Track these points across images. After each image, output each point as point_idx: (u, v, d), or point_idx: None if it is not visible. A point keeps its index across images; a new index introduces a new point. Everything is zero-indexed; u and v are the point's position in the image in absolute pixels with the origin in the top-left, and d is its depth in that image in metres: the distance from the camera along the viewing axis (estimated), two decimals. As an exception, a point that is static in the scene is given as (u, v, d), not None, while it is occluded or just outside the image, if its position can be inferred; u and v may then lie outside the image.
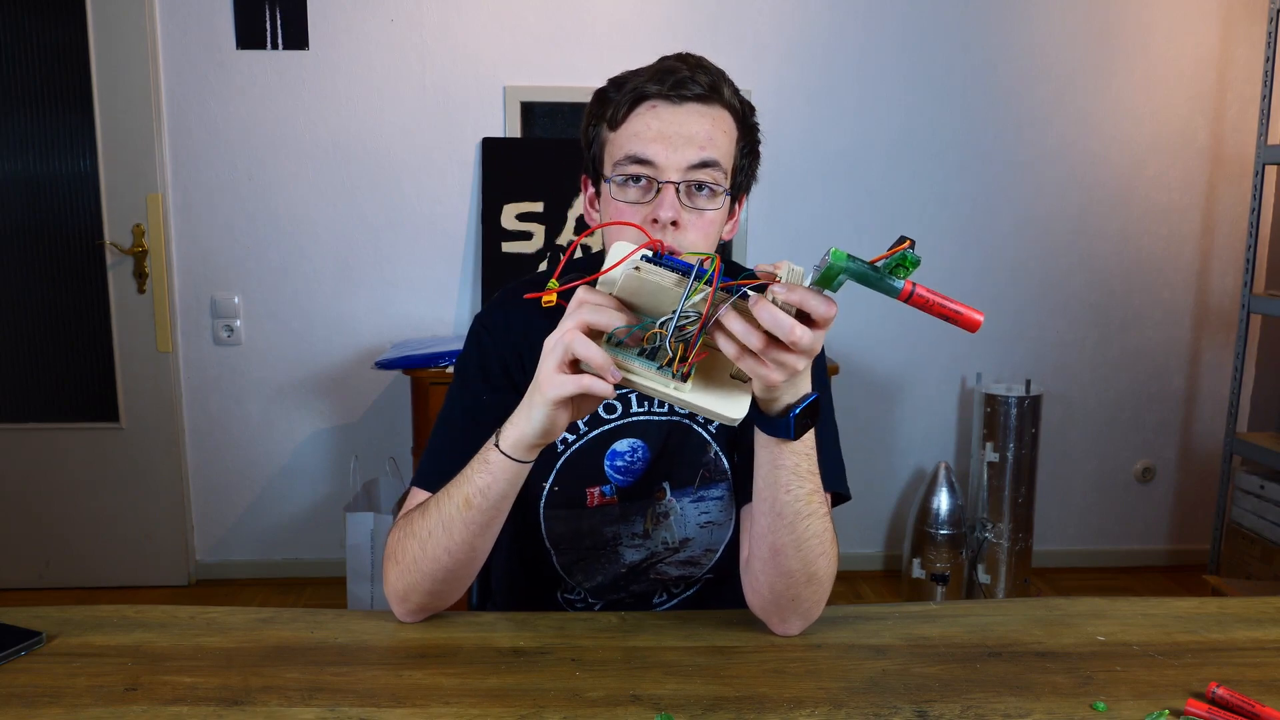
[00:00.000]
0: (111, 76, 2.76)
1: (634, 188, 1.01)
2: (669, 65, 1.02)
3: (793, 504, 0.93)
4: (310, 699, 0.88)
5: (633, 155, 1.00)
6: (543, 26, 2.82)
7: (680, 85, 1.00)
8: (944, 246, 3.00)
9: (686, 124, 1.00)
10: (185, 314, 2.91)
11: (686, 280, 0.78)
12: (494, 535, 0.97)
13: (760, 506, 0.96)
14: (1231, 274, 3.06)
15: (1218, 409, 3.10)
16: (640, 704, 0.88)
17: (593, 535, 1.14)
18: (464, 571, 0.99)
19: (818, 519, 0.95)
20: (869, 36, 2.88)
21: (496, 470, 0.91)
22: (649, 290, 0.80)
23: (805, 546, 0.95)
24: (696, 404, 0.82)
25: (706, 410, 0.83)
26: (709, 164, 1.00)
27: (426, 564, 0.97)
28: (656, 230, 1.00)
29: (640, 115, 1.01)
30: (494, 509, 0.93)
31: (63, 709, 0.86)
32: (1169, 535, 3.22)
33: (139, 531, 2.97)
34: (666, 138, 0.99)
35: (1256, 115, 2.80)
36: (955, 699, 0.89)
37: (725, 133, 1.03)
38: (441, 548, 0.96)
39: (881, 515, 3.16)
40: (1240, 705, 0.86)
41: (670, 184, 0.99)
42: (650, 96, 1.00)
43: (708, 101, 1.01)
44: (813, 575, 0.97)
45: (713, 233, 1.03)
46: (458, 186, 2.89)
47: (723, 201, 1.03)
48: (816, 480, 0.95)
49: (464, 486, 0.93)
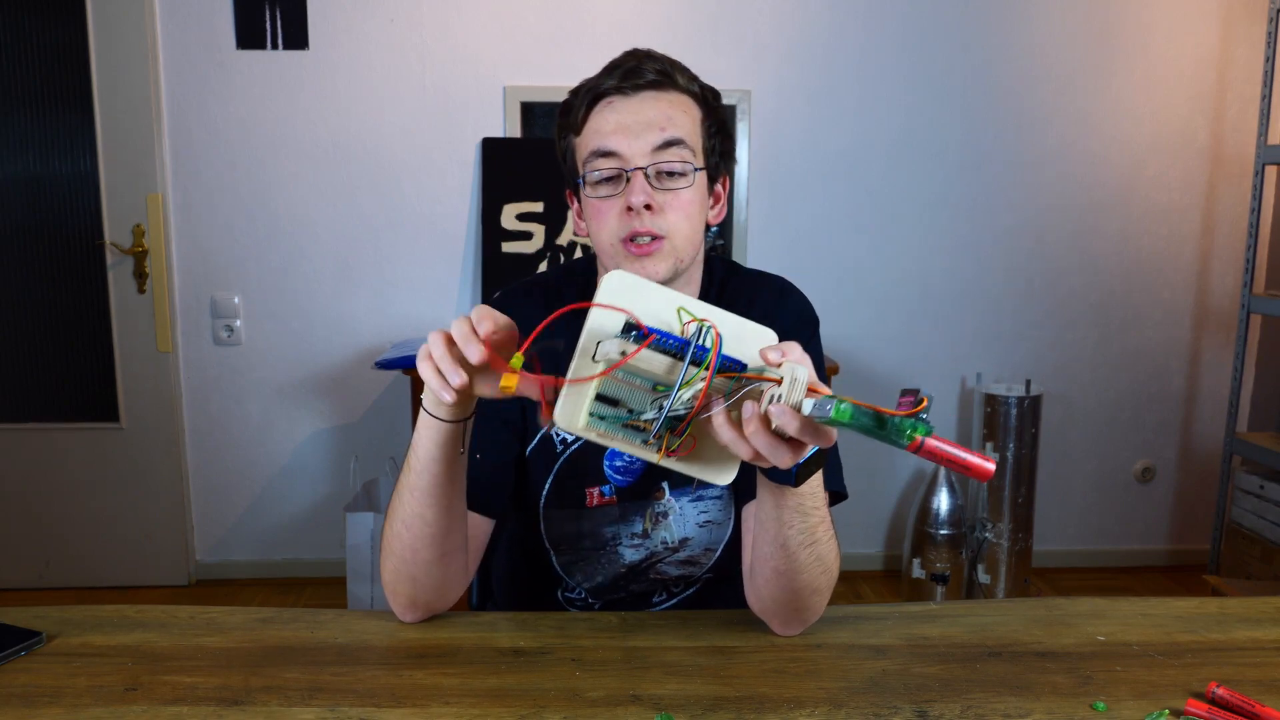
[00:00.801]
0: (111, 76, 2.76)
1: (605, 183, 1.03)
2: (618, 60, 1.04)
3: (797, 537, 0.92)
4: (310, 699, 0.88)
5: (597, 150, 1.02)
6: (543, 26, 2.82)
7: (631, 75, 1.02)
8: (944, 246, 3.00)
9: (643, 110, 1.02)
10: (185, 314, 2.91)
11: (679, 363, 0.72)
12: (443, 507, 0.95)
13: (763, 535, 0.95)
14: (1231, 274, 3.06)
15: (1217, 409, 3.10)
16: (640, 704, 0.88)
17: (592, 535, 1.14)
18: (428, 551, 0.97)
19: (822, 544, 0.94)
20: (869, 36, 2.88)
21: (421, 425, 0.92)
22: (639, 371, 0.73)
23: (810, 569, 0.95)
24: (683, 470, 0.78)
25: (696, 475, 0.79)
26: (673, 143, 1.01)
27: (394, 541, 0.98)
28: (632, 218, 1.00)
29: (599, 113, 1.03)
30: (428, 470, 0.92)
31: (63, 709, 0.86)
32: (1169, 535, 3.22)
33: (139, 531, 2.97)
34: (626, 127, 1.01)
35: (1256, 115, 2.80)
36: (955, 699, 0.89)
37: (685, 112, 1.04)
38: (400, 521, 0.97)
39: (881, 515, 3.16)
40: (1240, 705, 0.86)
41: (638, 170, 1.00)
42: (606, 93, 1.03)
43: (661, 87, 1.03)
44: (815, 589, 0.98)
45: (693, 213, 1.03)
46: (458, 186, 2.89)
47: (695, 179, 1.03)
48: (822, 510, 0.94)
49: (408, 454, 0.94)
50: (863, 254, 2.98)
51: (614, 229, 1.01)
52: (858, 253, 2.97)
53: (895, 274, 2.99)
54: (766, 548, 0.95)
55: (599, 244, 1.05)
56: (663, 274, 1.01)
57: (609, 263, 1.04)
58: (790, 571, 0.95)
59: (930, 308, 3.02)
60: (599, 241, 1.04)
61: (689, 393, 0.72)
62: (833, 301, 2.89)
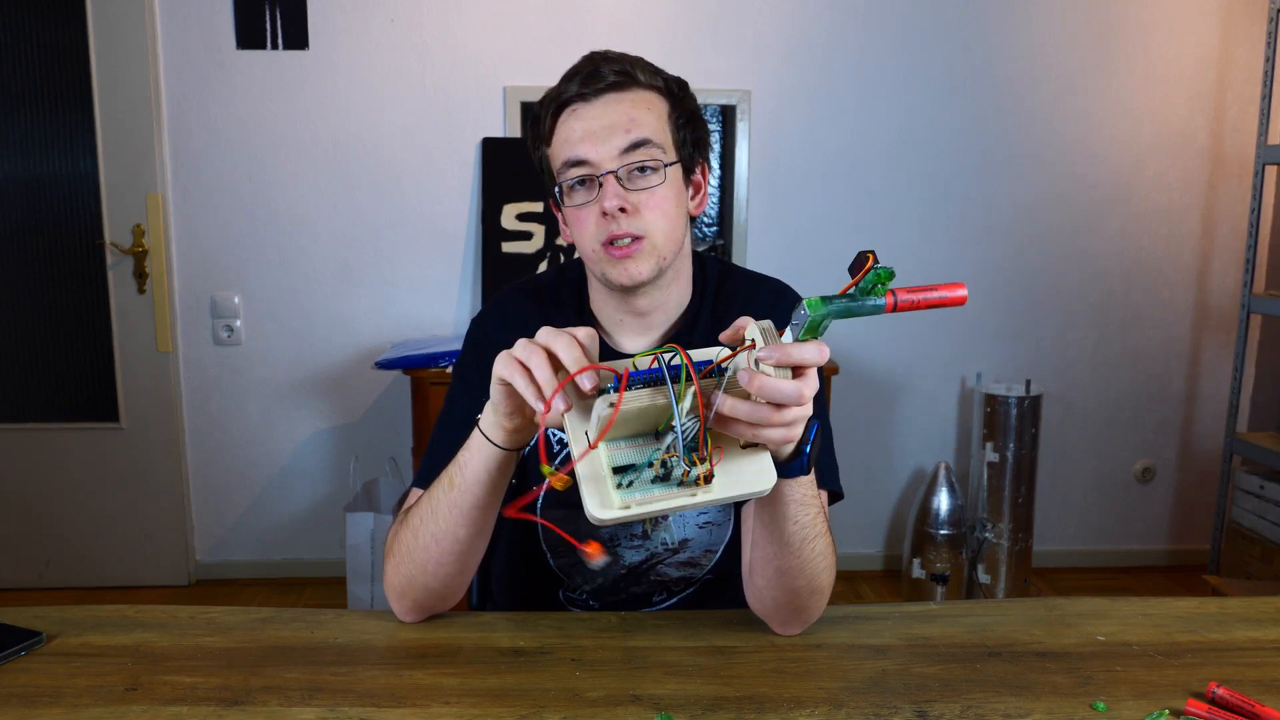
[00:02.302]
0: (111, 76, 2.76)
1: (580, 190, 1.03)
2: (577, 66, 1.04)
3: (799, 531, 0.93)
4: (310, 699, 0.88)
5: (568, 160, 1.02)
6: (543, 26, 2.82)
7: (591, 80, 1.02)
8: (944, 246, 3.00)
9: (607, 114, 1.02)
10: (185, 314, 2.91)
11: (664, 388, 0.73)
12: (479, 528, 0.97)
13: (763, 535, 0.96)
14: (1231, 274, 3.06)
15: (1218, 409, 3.10)
16: (640, 704, 0.88)
17: (591, 537, 1.13)
18: (452, 565, 0.99)
19: (821, 538, 0.96)
20: (869, 36, 2.88)
21: (474, 448, 0.92)
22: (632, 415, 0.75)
23: (810, 566, 0.96)
24: (729, 495, 0.78)
25: (740, 496, 0.78)
26: (640, 143, 1.01)
27: (418, 553, 0.98)
28: (609, 222, 1.00)
29: (564, 122, 1.03)
30: (472, 491, 0.93)
31: (63, 709, 0.86)
32: (1169, 535, 3.22)
33: (139, 531, 2.97)
34: (592, 133, 1.01)
35: (1256, 115, 2.80)
36: (955, 699, 0.89)
37: (649, 109, 1.04)
38: (429, 534, 0.97)
39: (881, 515, 3.16)
40: (1240, 705, 0.86)
41: (609, 174, 1.01)
42: (569, 100, 1.03)
43: (622, 88, 1.03)
44: (816, 588, 0.98)
45: (670, 209, 1.03)
46: (458, 186, 2.89)
47: (667, 174, 1.03)
48: (819, 501, 0.95)
49: (450, 468, 0.95)
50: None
51: (593, 234, 1.02)
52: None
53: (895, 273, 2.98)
54: (770, 547, 0.95)
55: (582, 250, 1.06)
56: (646, 273, 1.02)
57: (594, 268, 1.05)
58: (794, 569, 0.95)
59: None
60: (582, 248, 1.06)
61: (687, 402, 0.73)
62: (833, 301, 2.88)
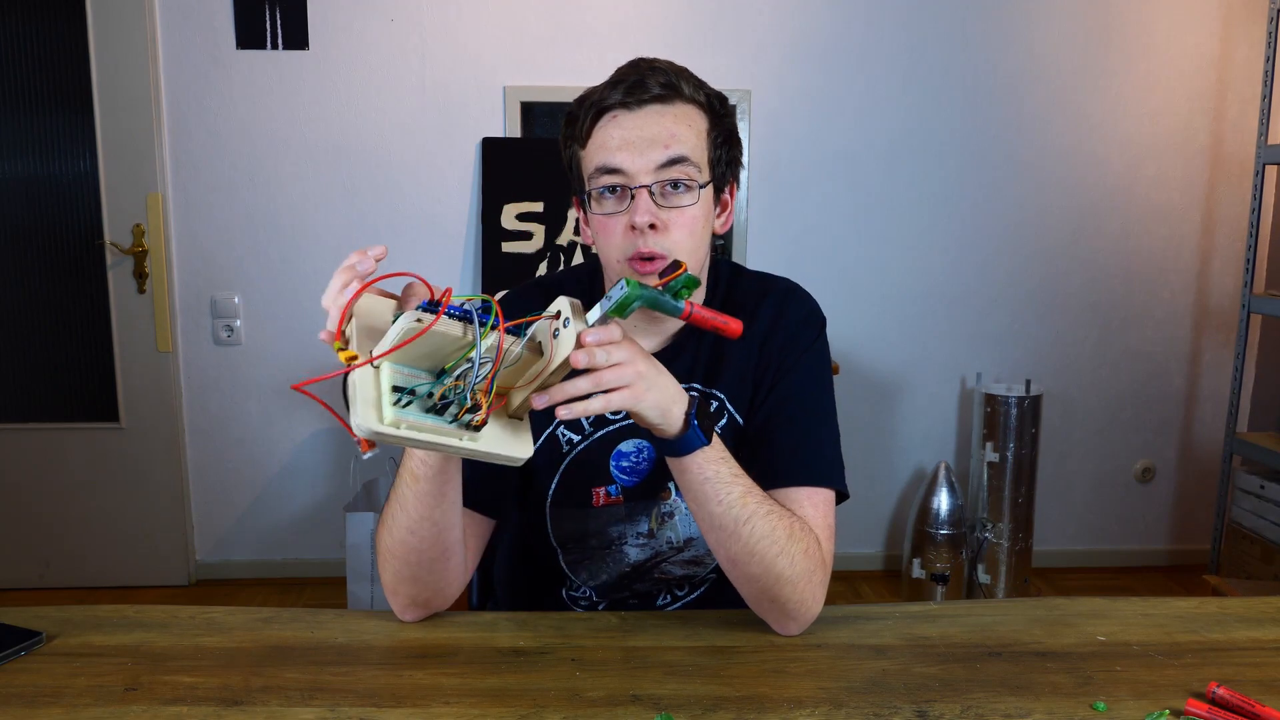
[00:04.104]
0: (111, 76, 2.76)
1: (610, 198, 1.02)
2: (623, 73, 1.03)
3: (728, 512, 0.93)
4: (310, 699, 0.88)
5: (602, 166, 1.02)
6: (542, 26, 2.82)
7: (636, 89, 1.01)
8: (944, 246, 3.00)
9: (648, 126, 1.01)
10: (185, 314, 2.91)
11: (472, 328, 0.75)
12: (451, 509, 0.97)
13: (701, 525, 0.97)
14: (1231, 274, 3.06)
15: (1218, 409, 3.10)
16: (640, 704, 0.88)
17: (598, 534, 1.14)
18: (433, 551, 0.98)
19: (760, 519, 0.94)
20: (869, 36, 2.88)
21: None
22: (431, 343, 0.75)
23: (758, 550, 0.95)
24: (488, 451, 0.79)
25: (497, 456, 0.80)
26: (678, 160, 1.01)
27: (397, 548, 0.98)
28: (637, 236, 1.00)
29: (603, 127, 1.03)
30: (435, 479, 0.93)
31: (63, 709, 0.86)
32: (1169, 535, 3.22)
33: (139, 531, 2.97)
34: (631, 143, 1.00)
35: (1256, 115, 2.80)
36: (955, 699, 0.89)
37: (690, 126, 1.03)
38: (403, 528, 0.97)
39: (881, 515, 3.16)
40: (1240, 705, 0.86)
41: (643, 188, 1.00)
42: (610, 107, 1.02)
43: (667, 100, 1.02)
44: (779, 576, 0.96)
45: (698, 229, 1.03)
46: (458, 186, 2.89)
47: (700, 195, 1.03)
48: (745, 481, 0.95)
49: (409, 461, 0.94)
50: (863, 254, 2.97)
51: (620, 246, 1.02)
52: (858, 253, 2.97)
53: (895, 274, 2.99)
54: (711, 534, 0.96)
55: (605, 259, 1.06)
56: None
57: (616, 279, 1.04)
58: (740, 556, 0.95)
59: (930, 307, 3.02)
60: (605, 257, 1.05)
61: (489, 341, 0.75)
62: (832, 301, 2.85)
